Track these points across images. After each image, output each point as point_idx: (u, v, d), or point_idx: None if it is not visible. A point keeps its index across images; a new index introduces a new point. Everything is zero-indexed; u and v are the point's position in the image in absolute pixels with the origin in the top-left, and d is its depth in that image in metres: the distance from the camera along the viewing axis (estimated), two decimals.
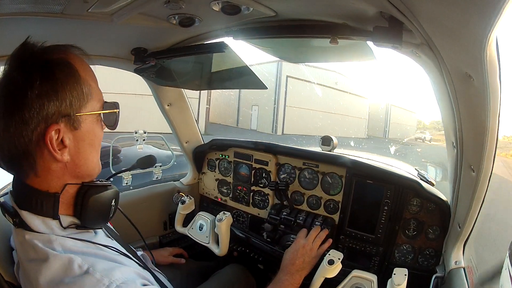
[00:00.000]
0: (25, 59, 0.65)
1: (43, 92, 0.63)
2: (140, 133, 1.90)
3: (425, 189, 1.31)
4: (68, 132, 0.68)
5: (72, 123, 0.68)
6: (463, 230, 1.04)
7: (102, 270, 0.64)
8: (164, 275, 1.11)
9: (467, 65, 0.64)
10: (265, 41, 1.09)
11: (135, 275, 0.69)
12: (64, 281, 0.62)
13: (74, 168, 0.71)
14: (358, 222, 1.45)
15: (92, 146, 0.74)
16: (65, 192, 0.71)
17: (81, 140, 0.71)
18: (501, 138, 0.75)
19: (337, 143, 1.67)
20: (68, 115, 0.67)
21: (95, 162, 0.76)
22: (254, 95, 18.05)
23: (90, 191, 0.73)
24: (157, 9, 0.87)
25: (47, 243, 0.67)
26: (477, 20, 0.49)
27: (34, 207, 0.68)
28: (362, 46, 0.99)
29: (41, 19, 0.90)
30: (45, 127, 0.64)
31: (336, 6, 0.83)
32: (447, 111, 0.90)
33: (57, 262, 0.64)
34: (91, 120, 0.72)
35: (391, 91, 42.18)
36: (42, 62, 0.65)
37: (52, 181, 0.69)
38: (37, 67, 0.64)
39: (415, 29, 0.70)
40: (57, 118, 0.65)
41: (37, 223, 0.69)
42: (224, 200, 1.92)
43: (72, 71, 0.68)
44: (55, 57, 0.67)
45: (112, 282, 0.62)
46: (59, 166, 0.69)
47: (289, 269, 1.22)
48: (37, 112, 0.63)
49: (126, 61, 1.38)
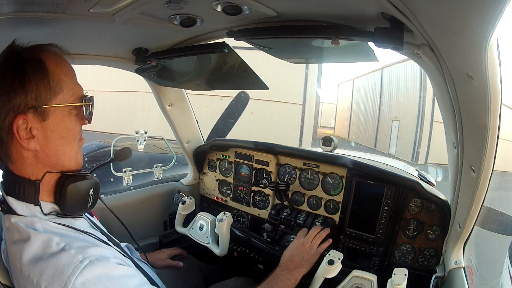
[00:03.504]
0: (3, 59, 0.73)
1: (11, 86, 0.70)
2: (141, 133, 1.90)
3: (425, 189, 1.31)
4: (36, 122, 0.73)
5: (40, 115, 0.73)
6: (463, 230, 1.05)
7: (77, 248, 0.69)
8: (153, 269, 1.12)
9: (468, 66, 0.64)
10: (266, 41, 1.09)
11: (110, 255, 0.74)
12: (43, 257, 0.68)
13: (45, 158, 0.76)
14: (358, 222, 1.45)
15: (63, 138, 0.78)
16: (46, 180, 0.76)
17: (50, 131, 0.75)
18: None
19: (338, 143, 1.67)
20: (34, 107, 0.72)
21: (67, 153, 0.79)
22: (396, 104, 13.14)
23: (68, 180, 0.78)
24: (159, 9, 0.87)
25: (30, 224, 0.73)
26: (478, 21, 0.50)
27: (18, 193, 0.75)
28: (364, 46, 1.00)
29: (42, 19, 0.90)
30: (13, 117, 0.71)
31: (337, 7, 0.83)
32: (447, 111, 0.90)
33: (38, 240, 0.70)
34: (60, 112, 0.76)
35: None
36: (16, 59, 0.72)
37: (27, 168, 0.75)
38: (11, 65, 0.72)
39: (416, 30, 0.70)
40: (23, 109, 0.71)
41: (21, 208, 0.75)
42: (224, 201, 1.92)
43: (41, 66, 0.73)
44: (27, 56, 0.73)
45: (86, 258, 0.67)
46: (30, 155, 0.74)
47: (287, 265, 1.22)
48: (5, 103, 0.70)
49: (127, 61, 1.38)
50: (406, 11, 0.65)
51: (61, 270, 0.66)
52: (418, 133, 11.09)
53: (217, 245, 1.55)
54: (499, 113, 0.68)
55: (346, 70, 29.57)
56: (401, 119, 12.55)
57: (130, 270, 0.75)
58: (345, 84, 22.19)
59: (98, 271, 0.67)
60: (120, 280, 0.71)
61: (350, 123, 18.73)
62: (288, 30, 0.95)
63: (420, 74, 11.10)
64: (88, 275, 0.66)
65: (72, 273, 0.65)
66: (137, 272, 0.78)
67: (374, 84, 15.70)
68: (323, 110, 24.24)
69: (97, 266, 0.68)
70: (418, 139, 11.19)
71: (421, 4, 0.61)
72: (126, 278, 0.72)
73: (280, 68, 9.45)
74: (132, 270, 0.76)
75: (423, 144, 10.92)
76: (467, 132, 0.85)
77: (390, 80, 14.15)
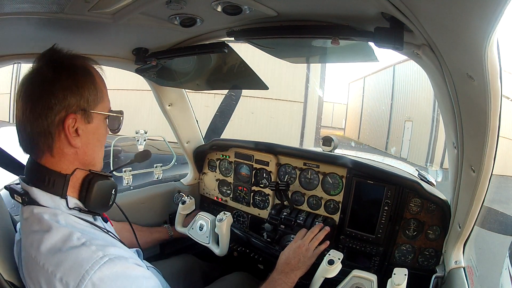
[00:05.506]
0: (54, 59, 0.80)
1: (68, 86, 0.77)
2: (141, 133, 1.90)
3: (425, 189, 1.31)
4: (82, 124, 0.80)
5: (86, 117, 0.81)
6: (463, 230, 1.05)
7: (97, 245, 0.72)
8: (158, 270, 1.13)
9: (468, 66, 0.64)
10: (266, 41, 1.09)
11: (128, 256, 0.76)
12: (62, 249, 0.70)
13: (83, 156, 0.82)
14: (358, 222, 1.45)
15: (99, 141, 0.87)
16: (74, 175, 0.81)
17: (91, 134, 0.83)
18: None
19: (338, 143, 1.67)
20: (84, 109, 0.80)
21: (100, 155, 0.88)
22: (408, 104, 12.34)
23: (95, 178, 0.83)
24: (159, 9, 0.87)
25: (53, 216, 0.75)
26: (478, 22, 0.50)
27: (46, 184, 0.78)
28: (364, 46, 1.00)
29: (42, 19, 0.91)
30: (65, 114, 0.77)
31: (337, 7, 0.83)
32: (447, 111, 0.90)
33: (59, 233, 0.72)
34: (100, 119, 0.85)
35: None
36: (68, 64, 0.80)
37: (64, 163, 0.80)
38: (64, 67, 0.79)
39: (416, 30, 0.70)
40: (75, 109, 0.78)
41: (46, 199, 0.78)
42: (224, 200, 1.92)
43: (91, 76, 0.83)
44: (79, 63, 0.82)
45: (106, 255, 0.69)
46: (71, 151, 0.80)
47: (284, 268, 1.22)
48: (61, 101, 0.76)
49: (127, 61, 1.38)
50: (406, 11, 0.65)
51: (80, 264, 0.68)
52: (433, 135, 10.26)
53: (217, 245, 1.55)
54: (499, 113, 0.68)
55: (357, 68, 29.13)
56: (415, 120, 11.76)
57: (146, 272, 0.77)
58: (356, 83, 21.44)
59: (116, 269, 0.69)
60: (137, 280, 0.72)
61: (361, 124, 18.15)
62: (288, 30, 0.95)
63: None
64: (107, 272, 0.68)
65: (91, 267, 0.67)
66: (152, 275, 0.79)
67: (385, 82, 14.91)
68: (334, 111, 23.66)
69: (116, 264, 0.70)
70: (433, 142, 10.39)
71: (421, 4, 0.61)
72: (143, 279, 0.74)
73: (281, 67, 9.37)
74: (148, 273, 0.78)
75: (439, 147, 9.90)
76: (467, 132, 0.85)
77: (403, 77, 13.45)
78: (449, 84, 0.78)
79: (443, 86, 0.82)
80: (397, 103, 13.80)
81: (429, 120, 10.76)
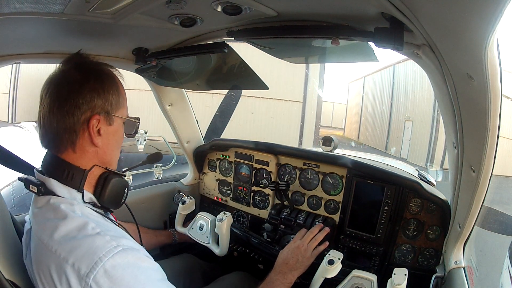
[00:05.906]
0: (81, 63, 0.86)
1: (95, 88, 0.83)
2: (141, 133, 1.90)
3: (425, 190, 1.31)
4: (104, 125, 0.86)
5: (108, 120, 0.86)
6: (463, 230, 1.05)
7: (112, 236, 0.75)
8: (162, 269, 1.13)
9: (468, 66, 0.64)
10: (266, 41, 1.09)
11: (139, 248, 0.79)
12: (76, 237, 0.73)
13: (102, 155, 0.88)
14: (358, 222, 1.45)
15: (117, 143, 0.92)
16: (92, 172, 0.86)
17: (111, 135, 0.89)
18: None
19: (338, 143, 1.67)
20: (107, 112, 0.86)
21: (116, 156, 0.94)
22: (408, 104, 12.23)
23: (111, 175, 0.89)
24: (159, 9, 0.87)
25: (69, 205, 0.79)
26: (478, 22, 0.50)
27: (64, 177, 0.82)
28: (364, 46, 1.00)
29: (42, 19, 0.90)
30: (90, 114, 0.82)
31: (337, 7, 0.83)
32: (447, 111, 0.90)
33: (74, 221, 0.76)
34: (119, 123, 0.91)
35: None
36: (96, 69, 0.87)
37: (84, 159, 0.85)
38: (92, 71, 0.86)
39: (416, 30, 0.70)
40: (100, 111, 0.84)
41: (63, 190, 0.82)
42: (224, 200, 1.92)
43: (115, 82, 0.90)
44: (105, 69, 0.89)
45: (119, 245, 0.73)
46: (92, 149, 0.85)
47: (282, 268, 1.23)
48: (88, 101, 0.82)
49: (127, 61, 1.38)
50: (406, 11, 0.65)
51: (94, 251, 0.70)
52: (433, 135, 10.26)
53: (217, 245, 1.55)
54: (499, 113, 0.68)
55: (357, 68, 29.04)
56: (415, 120, 11.69)
57: (156, 265, 0.80)
58: (355, 82, 21.41)
59: (128, 259, 0.73)
60: (146, 271, 0.75)
61: (360, 124, 18.16)
62: (288, 30, 0.95)
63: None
64: (119, 260, 0.71)
65: (104, 255, 0.70)
66: (160, 268, 0.82)
67: (385, 82, 14.89)
68: (334, 111, 23.56)
69: (128, 254, 0.73)
70: (433, 142, 10.37)
71: (421, 4, 0.61)
72: (152, 271, 0.77)
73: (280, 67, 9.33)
74: (157, 265, 0.80)
75: (439, 147, 9.87)
76: (467, 132, 0.85)
77: (403, 77, 13.44)
78: (449, 84, 0.78)
79: (443, 86, 0.82)
80: (397, 103, 13.84)
81: (429, 120, 10.82)
